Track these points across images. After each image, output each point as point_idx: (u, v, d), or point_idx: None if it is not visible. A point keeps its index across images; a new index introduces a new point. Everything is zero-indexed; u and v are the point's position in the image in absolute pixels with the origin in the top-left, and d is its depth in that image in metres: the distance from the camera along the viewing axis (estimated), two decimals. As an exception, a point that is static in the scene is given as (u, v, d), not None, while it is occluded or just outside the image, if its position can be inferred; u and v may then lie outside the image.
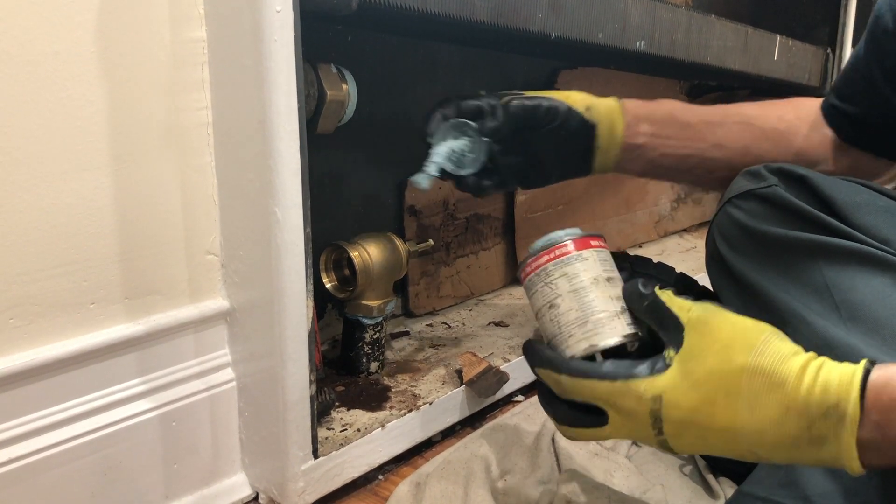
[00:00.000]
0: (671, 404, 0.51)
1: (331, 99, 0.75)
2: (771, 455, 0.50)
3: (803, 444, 0.48)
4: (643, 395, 0.51)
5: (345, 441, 0.73)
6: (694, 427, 0.51)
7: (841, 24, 1.46)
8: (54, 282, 0.60)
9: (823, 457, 0.47)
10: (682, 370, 0.51)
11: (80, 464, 0.62)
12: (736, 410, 0.49)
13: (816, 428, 0.47)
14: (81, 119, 0.60)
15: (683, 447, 0.52)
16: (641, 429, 0.52)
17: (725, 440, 0.50)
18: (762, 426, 0.48)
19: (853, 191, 0.73)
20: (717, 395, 0.49)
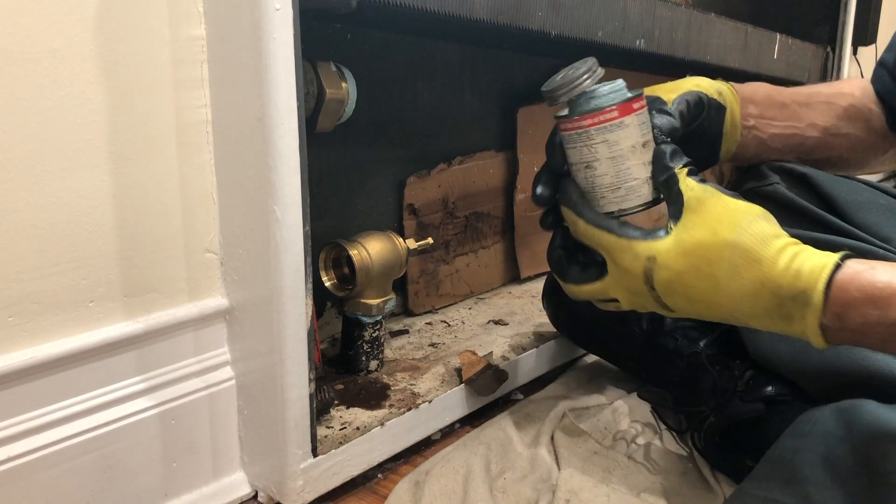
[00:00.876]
0: (662, 265, 0.57)
1: (330, 97, 0.74)
2: (748, 322, 0.56)
3: (775, 318, 0.54)
4: (640, 253, 0.58)
5: (344, 439, 0.73)
6: (680, 287, 0.57)
7: (841, 22, 1.46)
8: (53, 280, 0.60)
9: (793, 331, 0.54)
10: (677, 239, 0.57)
11: (79, 462, 0.62)
12: (717, 279, 0.56)
13: (786, 307, 0.53)
14: (80, 117, 0.60)
15: (675, 305, 0.59)
16: (635, 283, 0.59)
17: (707, 304, 0.57)
18: (739, 296, 0.55)
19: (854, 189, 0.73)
20: (701, 264, 0.56)
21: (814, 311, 0.52)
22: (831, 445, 0.55)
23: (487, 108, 1.17)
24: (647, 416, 0.85)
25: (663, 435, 0.82)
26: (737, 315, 0.56)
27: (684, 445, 0.80)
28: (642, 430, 0.82)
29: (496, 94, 1.18)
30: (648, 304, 0.60)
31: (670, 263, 0.57)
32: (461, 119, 1.12)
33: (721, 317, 0.58)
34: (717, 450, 0.75)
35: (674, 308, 0.59)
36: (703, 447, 0.75)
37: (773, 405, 0.72)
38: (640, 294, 0.60)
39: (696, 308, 0.58)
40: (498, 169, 1.19)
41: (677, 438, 0.81)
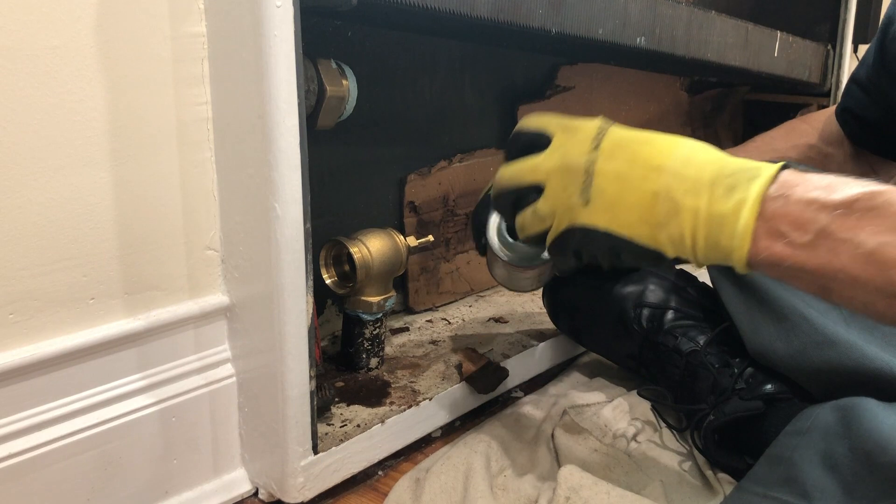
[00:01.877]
0: (611, 132, 0.56)
1: (331, 94, 0.74)
2: (683, 198, 0.51)
3: (716, 190, 0.50)
4: (593, 120, 0.57)
5: (344, 437, 0.73)
6: (631, 144, 0.54)
7: (841, 20, 1.45)
8: (53, 277, 0.60)
9: (728, 208, 0.50)
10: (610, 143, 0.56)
11: (79, 459, 0.62)
12: (675, 141, 0.54)
13: (732, 178, 0.50)
14: (80, 114, 0.60)
15: (609, 173, 0.54)
16: (579, 145, 0.56)
17: (648, 170, 0.53)
18: (687, 157, 0.52)
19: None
20: (654, 136, 0.54)
21: (762, 181, 0.49)
22: (830, 443, 0.56)
23: (488, 105, 1.17)
24: (647, 413, 0.85)
25: (663, 433, 0.82)
26: (675, 185, 0.52)
27: (684, 443, 0.80)
28: (642, 427, 0.83)
29: (497, 92, 1.18)
30: (573, 189, 0.56)
31: (619, 131, 0.56)
32: (462, 117, 1.12)
33: (654, 190, 0.52)
34: (717, 448, 0.75)
35: (598, 218, 0.55)
36: (703, 445, 0.76)
37: (772, 403, 0.72)
38: (574, 167, 0.55)
39: (631, 180, 0.53)
40: (498, 166, 1.19)
41: (677, 436, 0.82)
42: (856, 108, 0.86)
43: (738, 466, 0.72)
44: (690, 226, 0.51)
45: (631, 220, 0.53)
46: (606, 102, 1.39)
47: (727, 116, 1.77)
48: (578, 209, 0.55)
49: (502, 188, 0.62)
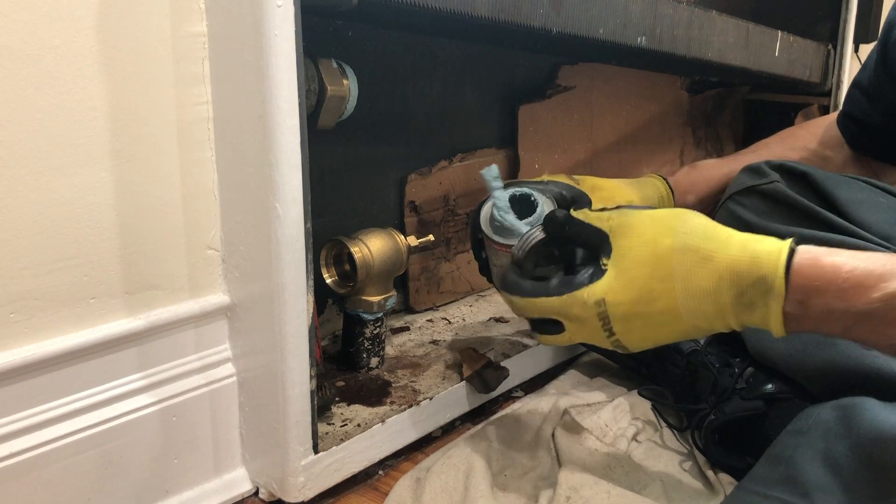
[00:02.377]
0: (613, 303, 0.55)
1: (331, 94, 0.74)
2: (713, 325, 0.54)
3: (738, 310, 0.53)
4: (587, 301, 0.56)
5: (345, 436, 0.73)
6: (638, 318, 0.55)
7: (842, 20, 1.45)
8: (54, 276, 0.60)
9: (754, 321, 0.53)
10: (617, 271, 0.55)
11: (80, 458, 0.62)
12: (673, 290, 0.53)
13: (747, 296, 0.52)
14: (81, 113, 0.60)
15: (635, 342, 0.57)
16: (594, 331, 0.57)
17: (669, 321, 0.54)
18: (699, 298, 0.53)
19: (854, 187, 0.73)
20: (653, 283, 0.54)
21: (776, 298, 0.51)
22: (831, 443, 0.56)
23: (488, 105, 1.17)
24: (648, 413, 0.85)
25: (664, 432, 0.82)
26: (699, 322, 0.54)
27: (685, 443, 0.80)
28: (643, 427, 0.83)
29: (497, 92, 1.18)
30: (608, 346, 0.59)
31: (620, 298, 0.55)
32: (462, 116, 1.12)
33: (684, 332, 0.55)
34: (718, 447, 0.75)
35: (632, 345, 0.57)
36: (704, 445, 0.76)
37: (772, 403, 0.72)
38: (599, 339, 0.58)
39: (658, 333, 0.56)
40: (499, 166, 1.19)
41: (678, 436, 0.82)
42: (857, 112, 0.86)
43: (738, 466, 0.72)
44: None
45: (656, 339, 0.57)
46: (607, 102, 1.39)
47: (728, 116, 1.77)
48: (605, 341, 0.58)
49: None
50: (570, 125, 1.30)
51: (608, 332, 0.57)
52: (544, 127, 1.24)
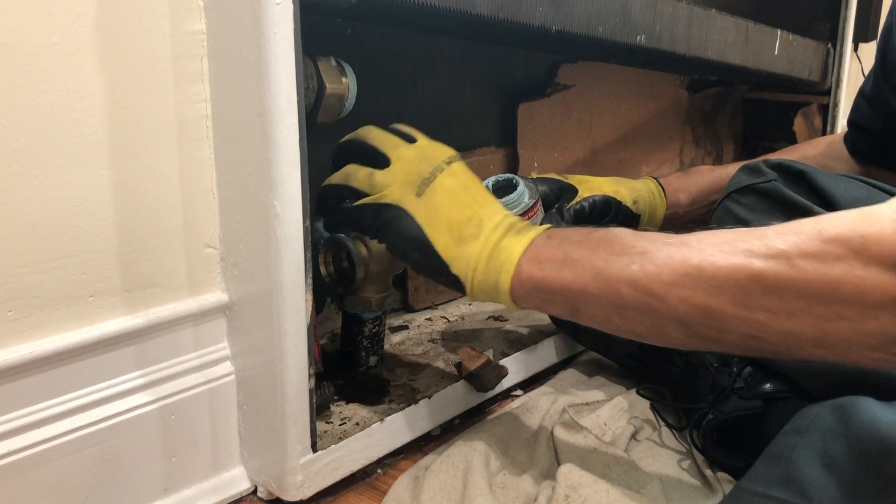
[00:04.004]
0: (459, 169, 0.66)
1: (330, 92, 0.74)
2: (486, 231, 0.62)
3: (509, 231, 0.62)
4: (440, 153, 0.67)
5: (344, 435, 0.73)
6: (469, 179, 0.66)
7: (842, 19, 1.45)
8: (53, 274, 0.60)
9: (510, 243, 0.61)
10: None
11: (78, 456, 0.62)
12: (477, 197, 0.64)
13: (525, 224, 0.62)
14: (80, 111, 0.60)
15: (423, 212, 0.63)
16: (436, 153, 0.66)
17: (472, 202, 0.63)
18: (500, 209, 0.64)
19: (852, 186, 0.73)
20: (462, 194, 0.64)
21: (540, 228, 0.61)
22: (829, 442, 0.56)
23: (488, 104, 1.17)
24: (647, 412, 0.86)
25: (662, 431, 0.82)
26: (486, 219, 0.62)
27: (683, 442, 0.80)
28: (641, 426, 0.83)
29: (496, 90, 1.18)
30: (414, 179, 0.64)
31: (460, 173, 0.65)
32: (461, 115, 1.12)
33: (469, 215, 0.62)
34: (716, 447, 0.75)
35: (434, 192, 0.63)
36: (702, 444, 0.76)
37: (771, 402, 0.72)
38: (424, 164, 0.65)
39: (458, 200, 0.63)
40: (498, 165, 1.19)
41: (676, 435, 0.82)
42: (860, 119, 0.87)
43: (737, 465, 0.72)
44: (479, 250, 0.61)
45: (441, 226, 0.62)
46: (606, 100, 1.39)
47: (727, 115, 1.77)
48: (410, 195, 0.63)
49: (359, 138, 0.70)
50: (569, 124, 1.30)
51: (424, 183, 0.63)
52: (544, 125, 1.24)
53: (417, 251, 0.63)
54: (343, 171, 0.69)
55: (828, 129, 1.54)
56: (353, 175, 0.67)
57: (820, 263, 0.46)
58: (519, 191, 0.74)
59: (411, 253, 0.64)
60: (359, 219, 0.67)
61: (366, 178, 0.66)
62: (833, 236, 0.46)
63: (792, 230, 0.48)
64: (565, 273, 0.56)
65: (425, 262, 0.63)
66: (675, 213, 0.88)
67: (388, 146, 0.67)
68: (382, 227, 0.65)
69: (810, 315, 0.47)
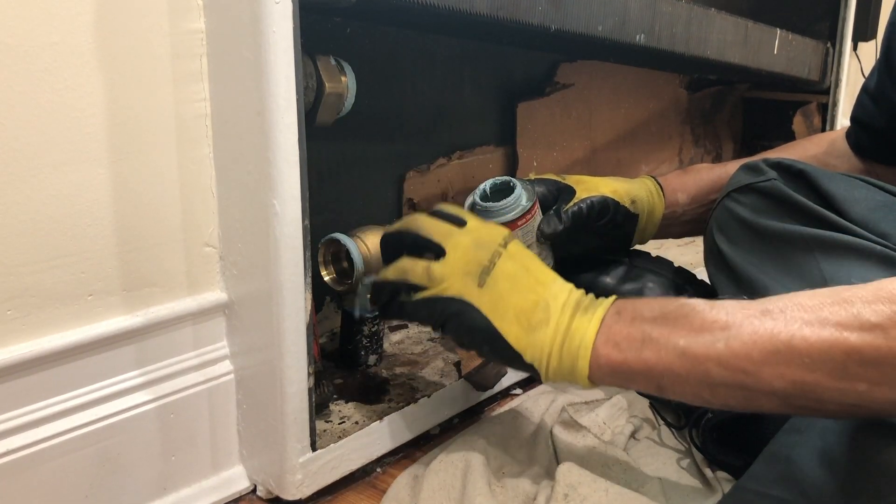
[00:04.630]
0: (514, 251, 0.64)
1: (329, 91, 0.74)
2: (555, 314, 0.61)
3: (577, 310, 0.60)
4: (497, 231, 0.65)
5: (343, 434, 0.73)
6: (526, 258, 0.63)
7: (841, 18, 1.45)
8: (52, 273, 0.60)
9: (582, 324, 0.59)
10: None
11: (78, 455, 0.62)
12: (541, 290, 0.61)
13: (589, 298, 0.61)
14: (79, 110, 0.60)
15: (487, 303, 0.61)
16: (491, 237, 0.64)
17: (536, 283, 0.62)
18: (562, 286, 0.62)
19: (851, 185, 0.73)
20: (525, 276, 0.63)
21: (607, 303, 0.60)
22: (828, 441, 0.56)
23: (487, 102, 1.17)
24: (646, 411, 0.86)
25: (661, 430, 0.83)
26: (552, 301, 0.60)
27: (682, 441, 0.80)
28: (641, 425, 0.83)
29: (496, 89, 1.18)
30: (474, 268, 0.62)
31: (519, 249, 0.64)
32: (461, 114, 1.12)
33: (535, 300, 0.60)
34: (715, 445, 0.75)
35: (488, 307, 0.61)
36: (702, 443, 0.76)
37: (770, 401, 0.72)
38: (482, 250, 0.62)
39: (521, 285, 0.61)
40: (497, 164, 1.19)
41: (675, 434, 0.82)
42: (863, 116, 0.87)
43: (736, 464, 0.72)
44: (552, 336, 0.59)
45: (509, 316, 0.60)
46: (606, 99, 1.39)
47: (726, 114, 1.77)
48: (471, 287, 0.61)
49: (410, 229, 0.66)
50: (568, 123, 1.30)
51: (484, 272, 0.61)
52: (543, 124, 1.24)
53: (487, 344, 0.61)
54: (398, 265, 0.65)
55: (827, 128, 1.54)
56: (411, 270, 0.64)
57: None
58: (516, 193, 0.74)
59: (481, 346, 0.62)
60: (422, 313, 0.64)
61: (423, 272, 0.63)
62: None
63: (880, 298, 0.48)
64: (646, 354, 0.55)
65: (497, 354, 0.62)
66: (673, 212, 0.88)
67: (442, 235, 0.64)
68: (448, 322, 0.62)
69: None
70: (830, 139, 0.94)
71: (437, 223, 0.66)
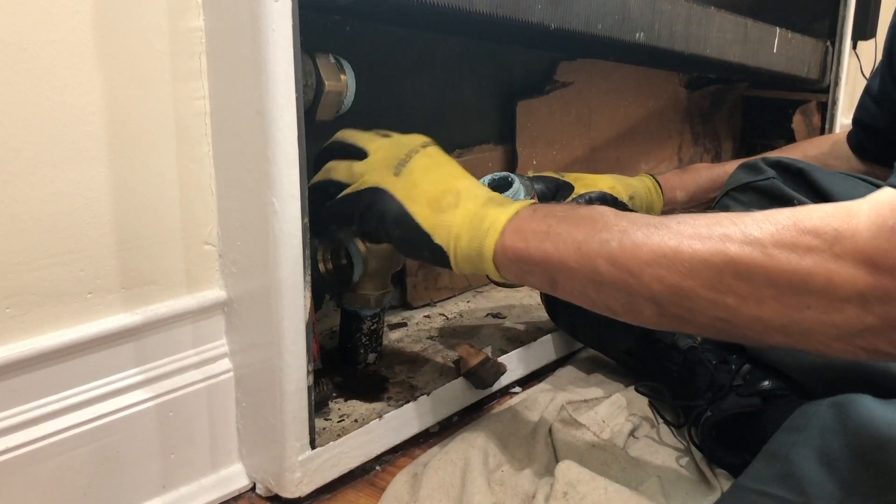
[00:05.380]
0: (433, 150, 0.69)
1: (329, 89, 0.74)
2: (465, 201, 0.64)
3: (490, 202, 0.63)
4: (415, 139, 0.69)
5: (342, 432, 0.73)
6: (444, 158, 0.68)
7: (841, 17, 1.45)
8: (51, 271, 0.60)
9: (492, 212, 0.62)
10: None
11: (77, 453, 0.62)
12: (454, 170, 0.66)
13: (507, 199, 0.63)
14: (78, 108, 0.60)
15: (420, 166, 0.66)
16: (409, 141, 0.69)
17: (449, 177, 0.65)
18: (478, 185, 0.66)
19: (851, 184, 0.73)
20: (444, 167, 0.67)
21: (524, 202, 0.62)
22: (827, 440, 0.56)
23: (486, 101, 1.17)
24: (645, 409, 0.86)
25: (660, 429, 0.83)
26: (463, 191, 0.63)
27: (681, 439, 0.80)
28: (640, 423, 0.83)
29: (495, 88, 1.18)
30: (390, 162, 0.67)
31: (435, 154, 0.67)
32: (460, 112, 1.12)
33: (446, 188, 0.64)
34: (715, 444, 0.75)
35: (410, 171, 0.65)
36: (701, 441, 0.76)
37: (769, 400, 0.72)
38: (398, 150, 0.67)
39: (434, 176, 0.65)
40: (497, 162, 1.19)
41: (675, 432, 0.82)
42: (866, 117, 0.87)
43: (735, 463, 0.72)
44: (461, 218, 0.62)
45: (421, 200, 0.64)
46: (605, 98, 1.39)
47: (726, 113, 1.77)
48: (387, 176, 0.66)
49: (337, 139, 0.72)
50: (568, 121, 1.30)
51: (400, 164, 0.66)
52: (542, 123, 1.24)
53: (398, 227, 0.64)
54: (324, 168, 0.71)
55: (826, 127, 1.54)
56: (334, 169, 0.70)
57: (793, 253, 0.46)
58: (514, 188, 0.74)
59: (393, 230, 0.65)
60: (342, 209, 0.68)
61: (346, 170, 0.69)
62: (808, 228, 0.46)
63: (769, 219, 0.48)
64: (547, 245, 0.57)
65: (407, 236, 0.64)
66: (672, 210, 0.88)
67: (365, 140, 0.70)
68: (364, 212, 0.66)
69: (779, 303, 0.47)
70: (832, 141, 0.94)
71: (363, 133, 0.71)
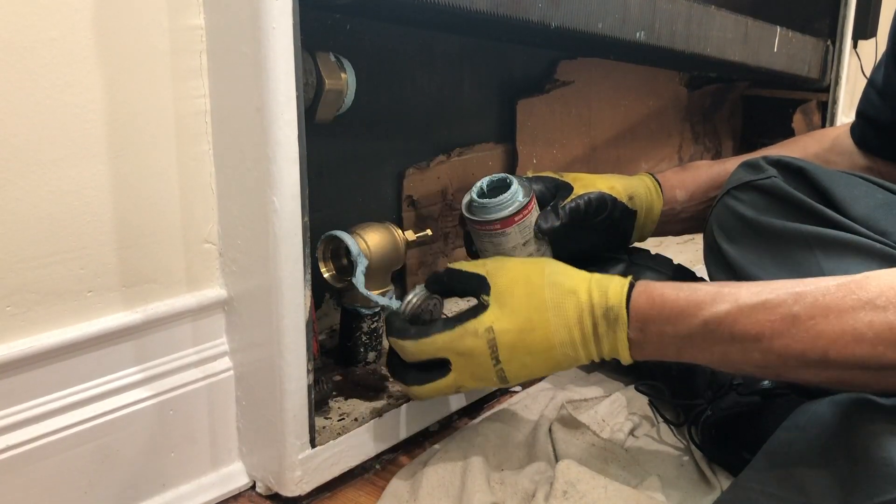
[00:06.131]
0: (501, 330, 0.63)
1: (329, 88, 0.74)
2: (578, 354, 0.63)
3: (592, 341, 0.62)
4: (478, 329, 0.64)
5: (342, 430, 0.73)
6: (521, 345, 0.63)
7: (841, 16, 1.45)
8: (51, 269, 0.60)
9: (605, 350, 0.63)
10: (499, 304, 0.64)
11: (77, 452, 0.62)
12: (547, 321, 0.63)
13: (601, 327, 0.62)
14: (78, 106, 0.60)
15: (515, 370, 0.64)
16: (482, 362, 0.64)
17: (545, 349, 0.63)
18: (568, 328, 0.62)
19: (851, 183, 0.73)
20: (531, 313, 0.63)
21: (622, 326, 0.61)
22: (827, 439, 0.56)
23: (486, 99, 1.16)
24: (645, 408, 0.86)
25: (660, 428, 0.83)
26: (567, 350, 0.63)
27: (681, 438, 0.80)
28: (640, 422, 0.83)
29: (495, 86, 1.17)
30: (490, 382, 0.66)
31: (506, 325, 0.63)
32: (460, 111, 1.12)
33: (555, 361, 0.64)
34: (714, 443, 0.75)
35: (513, 376, 0.65)
36: (701, 440, 0.76)
37: (769, 399, 0.72)
38: (485, 374, 0.65)
39: (536, 361, 0.64)
40: (497, 161, 1.19)
41: (674, 431, 0.82)
42: (870, 110, 0.87)
43: (735, 462, 0.72)
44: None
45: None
46: (606, 97, 1.39)
47: (726, 112, 1.77)
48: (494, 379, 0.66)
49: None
50: (568, 120, 1.30)
51: (495, 360, 0.64)
52: (542, 122, 1.24)
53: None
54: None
55: (826, 126, 1.54)
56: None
57: None
58: (512, 190, 0.74)
59: None
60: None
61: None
62: None
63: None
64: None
65: None
66: (672, 209, 0.88)
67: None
68: None
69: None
70: (833, 135, 0.93)
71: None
